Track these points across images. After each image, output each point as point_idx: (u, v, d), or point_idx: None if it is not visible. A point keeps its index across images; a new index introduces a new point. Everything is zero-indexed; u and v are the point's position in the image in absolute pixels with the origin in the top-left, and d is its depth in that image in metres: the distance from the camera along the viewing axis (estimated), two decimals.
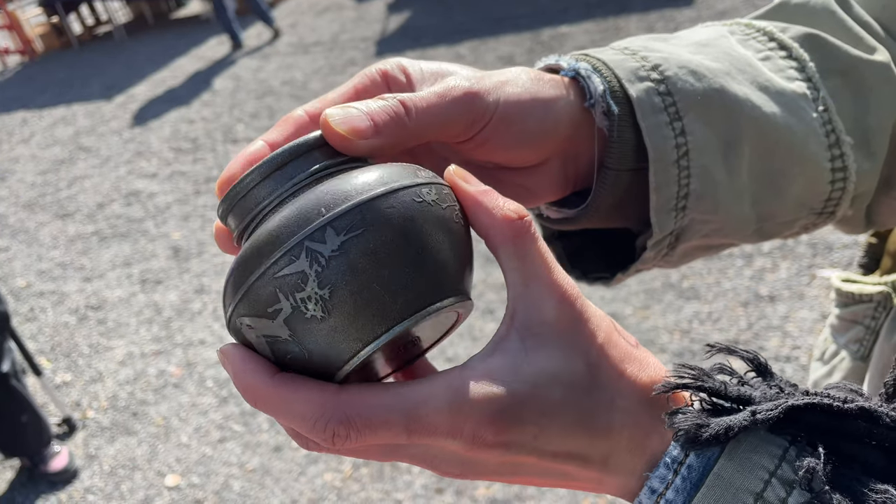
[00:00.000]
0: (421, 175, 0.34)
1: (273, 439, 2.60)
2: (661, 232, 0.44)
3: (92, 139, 5.72)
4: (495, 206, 0.34)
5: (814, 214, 0.49)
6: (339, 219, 0.31)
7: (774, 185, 0.46)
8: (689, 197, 0.43)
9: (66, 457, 2.60)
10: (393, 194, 0.32)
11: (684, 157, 0.42)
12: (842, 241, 2.93)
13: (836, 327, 0.71)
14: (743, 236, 0.48)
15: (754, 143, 0.45)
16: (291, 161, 0.35)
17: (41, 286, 3.74)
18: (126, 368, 3.07)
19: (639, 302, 2.86)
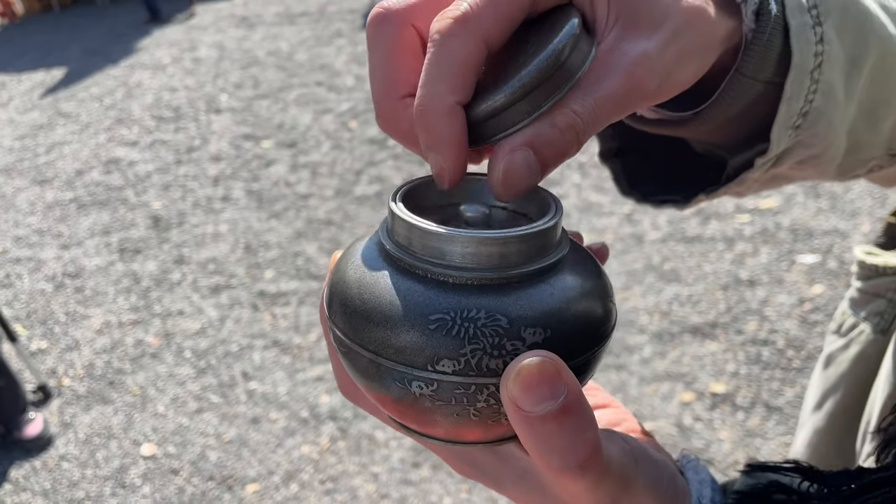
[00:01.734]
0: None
1: (251, 411, 2.60)
2: (776, 149, 0.41)
3: (71, 105, 5.62)
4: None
5: (888, 156, 0.47)
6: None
7: (874, 114, 0.44)
8: (808, 115, 0.40)
9: (41, 423, 2.58)
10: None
11: (818, 68, 0.39)
12: (822, 227, 2.95)
13: (857, 300, 0.71)
14: (828, 169, 0.45)
15: (874, 64, 0.42)
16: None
17: (18, 252, 3.68)
18: (103, 337, 3.05)
19: (619, 283, 2.88)
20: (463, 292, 0.30)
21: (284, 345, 2.87)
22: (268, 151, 4.35)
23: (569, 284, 0.32)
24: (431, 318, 0.30)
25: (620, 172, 0.51)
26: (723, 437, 2.25)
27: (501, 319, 0.30)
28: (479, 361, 0.29)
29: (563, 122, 0.31)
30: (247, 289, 3.20)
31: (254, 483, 2.35)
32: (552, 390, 0.29)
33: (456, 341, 0.29)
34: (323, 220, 3.60)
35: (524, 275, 0.31)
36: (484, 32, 0.31)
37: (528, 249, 0.31)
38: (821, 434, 0.75)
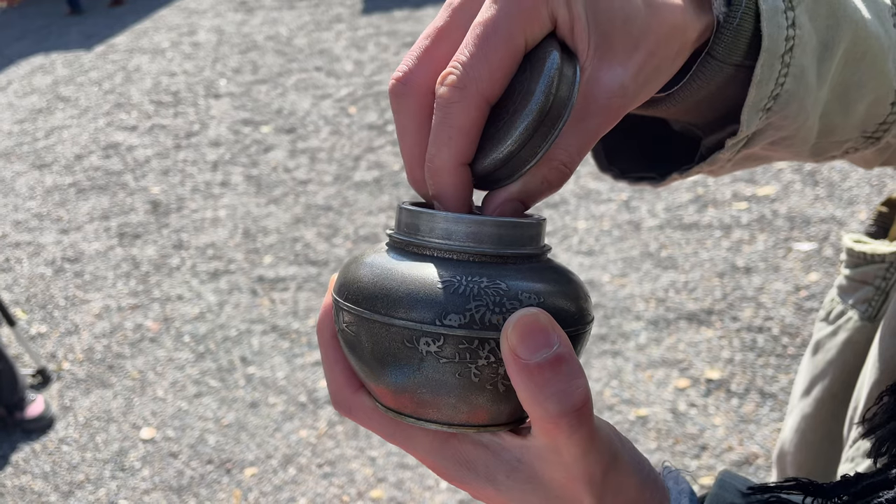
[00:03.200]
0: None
1: (249, 395, 2.62)
2: (746, 131, 0.42)
3: (70, 89, 5.61)
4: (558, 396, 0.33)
5: (863, 138, 0.48)
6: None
7: (846, 97, 0.45)
8: (779, 98, 0.41)
9: (42, 404, 2.60)
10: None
11: (789, 52, 0.40)
12: (819, 215, 2.96)
13: (845, 287, 0.72)
14: (801, 150, 0.47)
15: (847, 48, 0.43)
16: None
17: (17, 237, 3.69)
18: (102, 321, 3.06)
19: (616, 270, 2.89)
20: (466, 265, 0.34)
21: (283, 330, 2.88)
22: (267, 137, 4.34)
23: (554, 271, 0.37)
24: (441, 280, 0.34)
25: (600, 149, 0.53)
26: (717, 423, 2.26)
27: (501, 283, 0.34)
28: (483, 316, 0.33)
29: (554, 177, 0.36)
30: (245, 274, 3.21)
31: (252, 466, 2.38)
32: (547, 339, 0.32)
33: (462, 298, 0.33)
34: (322, 205, 3.60)
35: (518, 255, 0.36)
36: (482, 93, 0.34)
37: (521, 237, 0.36)
38: (809, 420, 0.76)
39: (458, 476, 0.38)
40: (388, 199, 3.54)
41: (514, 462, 0.36)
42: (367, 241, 3.29)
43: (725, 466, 2.15)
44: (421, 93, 0.36)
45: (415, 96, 0.36)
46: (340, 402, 0.40)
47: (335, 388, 0.40)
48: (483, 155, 0.35)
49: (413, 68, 0.36)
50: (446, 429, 0.35)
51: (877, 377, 0.62)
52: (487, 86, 0.33)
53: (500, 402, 0.34)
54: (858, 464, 0.61)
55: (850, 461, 0.63)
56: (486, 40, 0.33)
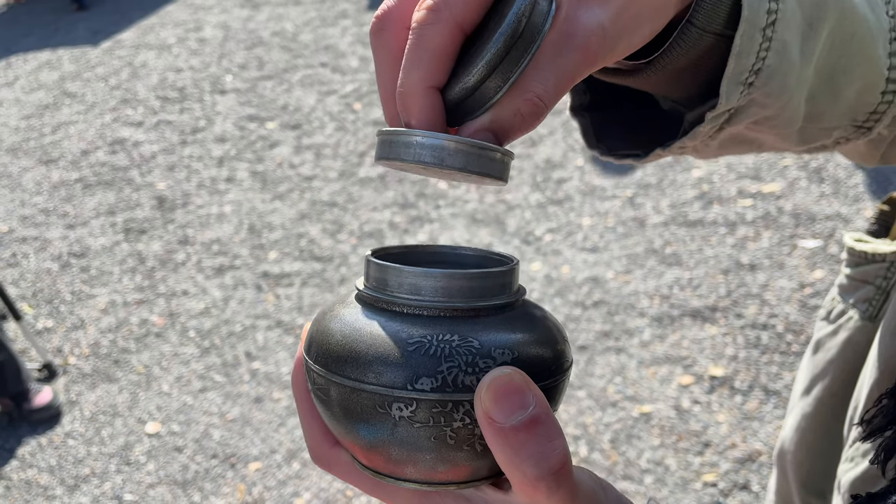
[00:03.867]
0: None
1: (254, 390, 2.63)
2: (726, 104, 0.41)
3: (77, 85, 5.63)
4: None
5: (853, 127, 0.48)
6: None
7: (834, 82, 0.44)
8: (761, 73, 0.41)
9: (50, 393, 2.62)
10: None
11: (771, 26, 0.39)
12: (824, 212, 2.95)
13: (846, 287, 0.71)
14: (787, 134, 0.46)
15: (833, 28, 0.42)
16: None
17: (24, 232, 3.71)
18: (108, 316, 3.08)
19: (620, 266, 2.88)
20: (437, 322, 0.34)
21: (287, 325, 2.89)
22: (272, 132, 4.35)
23: (529, 319, 0.36)
24: (410, 342, 0.32)
25: (589, 127, 0.53)
26: (720, 420, 2.26)
27: (473, 342, 0.33)
28: (455, 378, 0.32)
29: (527, 109, 0.34)
30: (250, 270, 3.22)
31: (256, 461, 2.39)
32: (522, 400, 0.31)
33: (433, 360, 0.32)
34: (327, 201, 3.61)
35: (490, 307, 0.35)
36: (457, 18, 0.33)
37: (493, 287, 0.35)
38: (809, 419, 0.76)
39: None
40: (392, 196, 3.54)
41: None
42: (372, 237, 3.30)
43: (729, 464, 2.15)
44: (399, 27, 0.36)
45: (393, 31, 0.36)
46: (319, 457, 0.39)
47: (313, 442, 0.39)
48: (454, 83, 0.34)
49: (393, 5, 0.36)
50: (426, 488, 0.35)
51: (877, 377, 0.61)
52: (461, 10, 0.33)
53: (479, 459, 0.34)
54: (858, 463, 0.61)
55: (849, 461, 0.63)
56: None
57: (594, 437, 2.28)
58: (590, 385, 2.42)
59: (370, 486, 0.38)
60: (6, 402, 2.58)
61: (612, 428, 2.30)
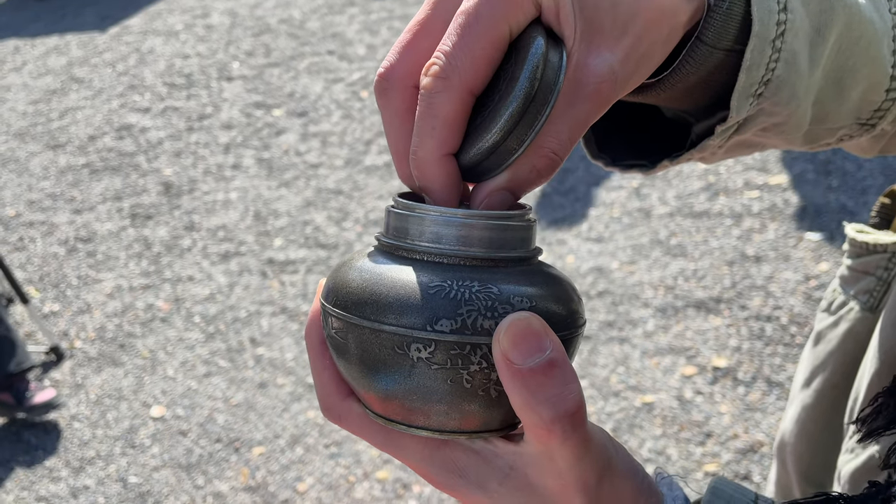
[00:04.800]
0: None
1: (258, 376, 2.64)
2: (736, 117, 0.41)
3: (85, 70, 5.63)
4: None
5: (857, 125, 0.47)
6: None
7: (840, 84, 0.44)
8: (770, 84, 0.40)
9: (53, 392, 2.58)
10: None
11: (780, 37, 0.39)
12: (831, 205, 2.94)
13: (846, 278, 0.71)
14: (793, 137, 0.46)
15: (840, 33, 0.42)
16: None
17: (31, 216, 3.73)
18: (114, 301, 3.09)
19: (625, 257, 2.88)
20: (457, 269, 0.34)
21: (292, 312, 2.90)
22: (278, 120, 4.35)
23: (546, 275, 0.36)
24: (431, 285, 0.33)
25: (591, 136, 0.52)
26: (723, 411, 2.27)
27: (493, 288, 0.33)
28: (475, 321, 0.32)
29: (543, 165, 0.35)
30: (256, 256, 3.23)
31: (260, 446, 2.40)
32: (539, 343, 0.31)
33: (453, 303, 0.32)
34: (332, 189, 3.61)
35: (509, 259, 0.35)
36: (466, 84, 0.33)
37: (512, 239, 0.35)
38: (809, 410, 0.76)
39: (449, 483, 0.37)
40: (398, 184, 3.54)
41: (507, 469, 0.36)
42: (377, 225, 3.30)
43: (730, 454, 2.15)
44: (405, 86, 0.36)
45: (399, 90, 0.36)
46: (330, 409, 0.39)
47: (324, 394, 0.39)
48: (469, 145, 0.34)
49: (396, 62, 0.36)
50: (437, 436, 0.35)
51: (877, 367, 0.61)
52: (471, 76, 0.33)
53: (492, 408, 0.34)
54: (858, 454, 0.61)
55: (850, 452, 0.63)
56: (469, 29, 0.33)
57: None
58: (592, 374, 2.42)
59: (381, 440, 0.38)
60: (6, 396, 2.54)
61: (614, 417, 2.31)
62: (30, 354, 2.61)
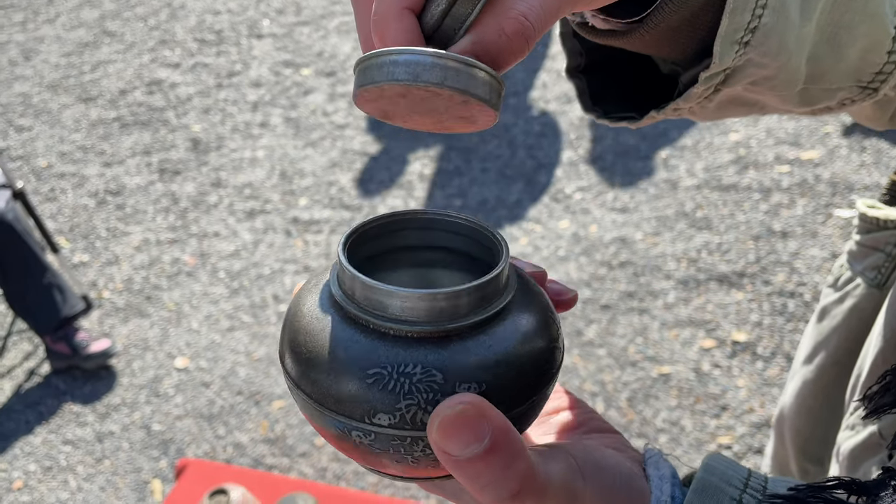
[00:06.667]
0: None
1: (280, 332, 2.69)
2: (720, 64, 0.41)
3: (117, 24, 5.65)
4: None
5: (858, 88, 0.46)
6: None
7: (836, 40, 0.43)
8: (757, 31, 0.40)
9: (108, 342, 2.63)
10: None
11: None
12: (863, 181, 2.88)
13: (855, 254, 0.71)
14: (787, 96, 0.45)
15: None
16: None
17: (62, 168, 3.79)
18: (141, 254, 3.15)
19: (650, 228, 2.86)
20: (401, 345, 0.31)
21: (315, 271, 2.93)
22: (307, 79, 4.35)
23: (508, 335, 0.32)
24: (369, 371, 0.31)
25: (585, 89, 0.52)
26: (740, 385, 2.26)
27: (437, 375, 0.30)
28: (414, 416, 0.30)
29: (511, 28, 0.31)
30: (281, 215, 3.26)
31: (280, 399, 2.45)
32: (476, 433, 0.30)
33: (392, 396, 0.30)
34: (358, 150, 3.62)
35: (462, 328, 0.32)
36: None
37: (468, 303, 0.32)
38: (810, 385, 0.76)
39: (430, 490, 0.39)
40: (423, 148, 3.54)
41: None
42: (401, 188, 3.31)
43: (745, 427, 2.16)
44: None
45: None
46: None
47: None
48: (427, 7, 0.32)
49: None
50: (404, 480, 0.35)
51: (882, 345, 0.61)
52: None
53: (444, 470, 0.33)
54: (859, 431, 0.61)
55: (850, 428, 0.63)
56: None
57: (612, 394, 2.30)
58: (611, 344, 2.43)
59: None
60: (62, 346, 2.60)
61: (630, 387, 2.32)
62: (78, 299, 2.65)
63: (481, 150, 3.44)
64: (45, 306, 2.53)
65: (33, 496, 2.31)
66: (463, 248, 0.39)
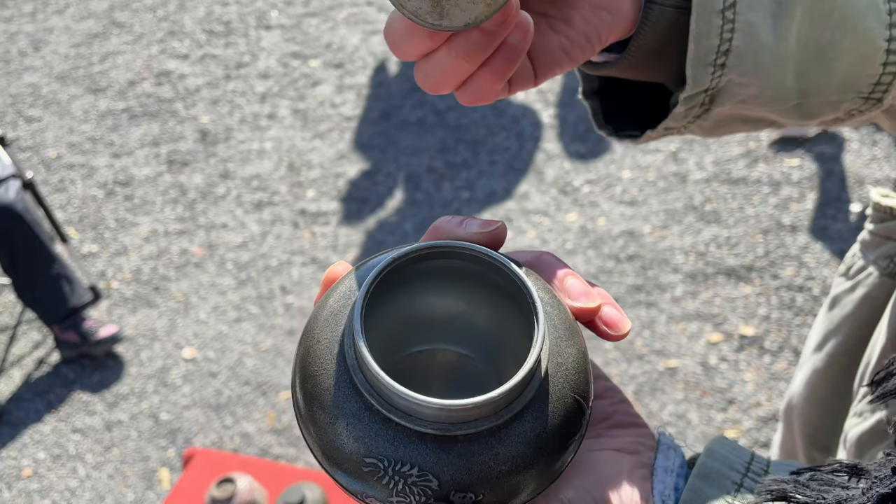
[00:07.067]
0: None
1: (287, 323, 2.69)
2: (694, 86, 0.43)
3: (126, 15, 5.66)
4: None
5: (861, 99, 0.47)
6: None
7: (822, 57, 0.44)
8: (730, 54, 0.42)
9: (116, 327, 2.65)
10: None
11: (731, 8, 0.41)
12: (874, 175, 2.86)
13: (868, 243, 0.71)
14: (782, 110, 0.46)
15: (807, 6, 0.43)
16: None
17: (71, 158, 3.80)
18: (150, 244, 3.16)
19: (658, 221, 2.85)
20: (402, 438, 0.30)
21: (322, 262, 2.94)
22: (315, 71, 4.34)
23: (516, 449, 0.31)
24: (366, 460, 0.30)
25: (598, 109, 0.55)
26: (747, 379, 2.26)
27: (432, 481, 0.29)
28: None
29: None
30: (288, 206, 3.27)
31: (286, 390, 2.46)
32: None
33: (385, 490, 0.30)
34: (366, 143, 3.61)
35: (468, 435, 0.30)
36: None
37: (479, 413, 0.30)
38: (819, 374, 0.76)
39: None
40: (431, 140, 3.53)
41: None
42: (409, 181, 3.30)
43: (751, 421, 2.15)
44: None
45: None
46: None
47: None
48: None
49: None
50: None
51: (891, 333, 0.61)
52: None
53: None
54: (866, 418, 0.61)
55: (857, 415, 0.63)
56: None
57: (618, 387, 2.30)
58: None
59: None
60: (71, 336, 2.61)
61: (636, 380, 2.31)
62: (86, 290, 2.66)
63: (489, 143, 3.43)
64: (53, 296, 2.54)
65: (42, 484, 2.33)
66: (501, 327, 0.37)
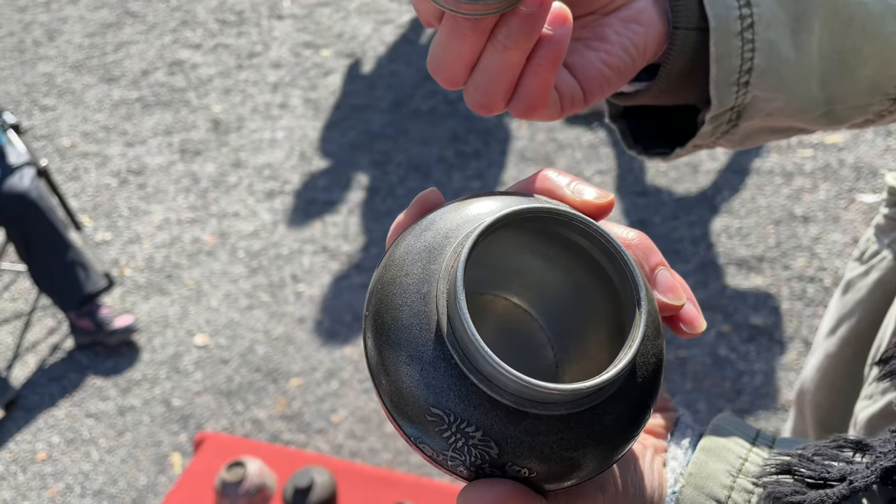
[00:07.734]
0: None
1: (298, 311, 2.71)
2: (720, 106, 0.44)
3: (139, 4, 5.68)
4: None
5: (889, 100, 0.48)
6: None
7: (845, 65, 0.45)
8: (753, 72, 0.43)
9: (132, 317, 2.68)
10: None
11: (749, 29, 0.42)
12: (888, 166, 2.84)
13: (882, 227, 0.71)
14: (810, 119, 0.47)
15: (825, 18, 0.43)
16: None
17: (85, 147, 3.83)
18: (162, 233, 3.19)
19: (668, 212, 2.84)
20: (475, 399, 0.29)
21: (333, 251, 2.95)
22: (326, 60, 4.35)
23: (580, 439, 0.30)
24: (433, 409, 0.29)
25: (627, 130, 0.56)
26: (756, 369, 2.25)
27: (493, 448, 0.29)
28: (455, 466, 0.30)
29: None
30: (299, 195, 3.28)
31: (297, 377, 2.48)
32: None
33: (443, 443, 0.30)
34: (377, 132, 3.62)
35: (539, 415, 0.29)
36: None
37: (560, 398, 0.29)
38: (832, 358, 0.76)
39: None
40: (442, 130, 3.53)
41: None
42: (419, 171, 3.31)
43: (761, 412, 2.15)
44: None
45: None
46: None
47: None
48: None
49: None
50: None
51: None
52: None
53: None
54: (876, 401, 0.61)
55: (868, 398, 0.63)
56: None
57: None
58: None
59: None
60: (86, 323, 2.65)
61: None
62: (101, 277, 2.68)
63: (500, 133, 3.43)
64: (68, 283, 2.56)
65: (56, 467, 2.36)
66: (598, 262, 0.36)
